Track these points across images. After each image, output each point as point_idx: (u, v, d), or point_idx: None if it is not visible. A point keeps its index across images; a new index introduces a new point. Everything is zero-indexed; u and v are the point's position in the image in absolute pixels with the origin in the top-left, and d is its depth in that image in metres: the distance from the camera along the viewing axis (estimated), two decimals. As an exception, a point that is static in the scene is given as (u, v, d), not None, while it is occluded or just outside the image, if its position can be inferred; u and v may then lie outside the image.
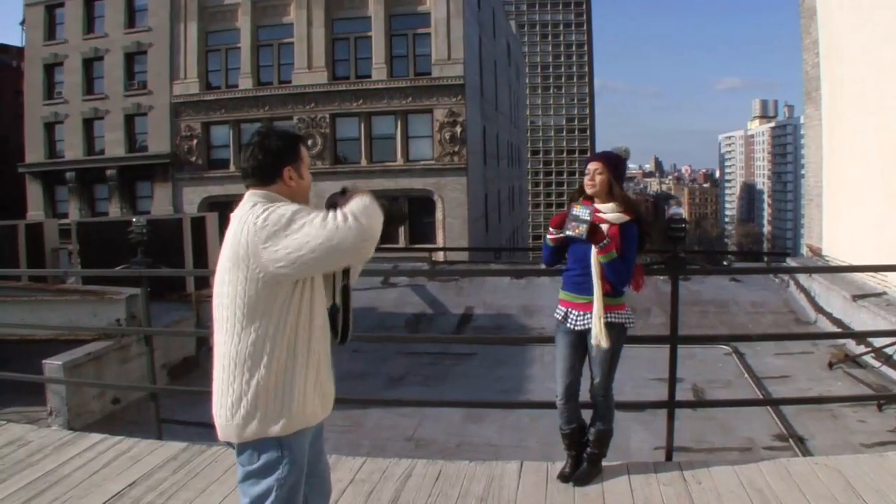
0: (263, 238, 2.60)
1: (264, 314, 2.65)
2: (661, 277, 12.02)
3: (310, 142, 29.79)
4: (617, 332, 4.40)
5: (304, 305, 2.71)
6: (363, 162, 29.69)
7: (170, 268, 10.23)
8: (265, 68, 30.90)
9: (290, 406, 2.71)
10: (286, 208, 2.65)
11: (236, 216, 2.73)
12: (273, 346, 2.67)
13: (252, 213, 2.67)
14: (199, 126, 31.16)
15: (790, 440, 6.57)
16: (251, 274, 2.62)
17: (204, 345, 10.12)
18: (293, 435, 2.75)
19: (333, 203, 2.75)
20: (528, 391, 8.20)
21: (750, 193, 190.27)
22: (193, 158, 31.27)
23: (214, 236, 12.32)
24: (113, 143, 32.37)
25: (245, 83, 30.71)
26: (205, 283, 11.58)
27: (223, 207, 29.15)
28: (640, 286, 4.54)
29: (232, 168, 31.09)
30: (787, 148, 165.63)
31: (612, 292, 4.36)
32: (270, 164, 2.77)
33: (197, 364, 9.69)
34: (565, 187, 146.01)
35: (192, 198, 31.09)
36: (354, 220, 2.60)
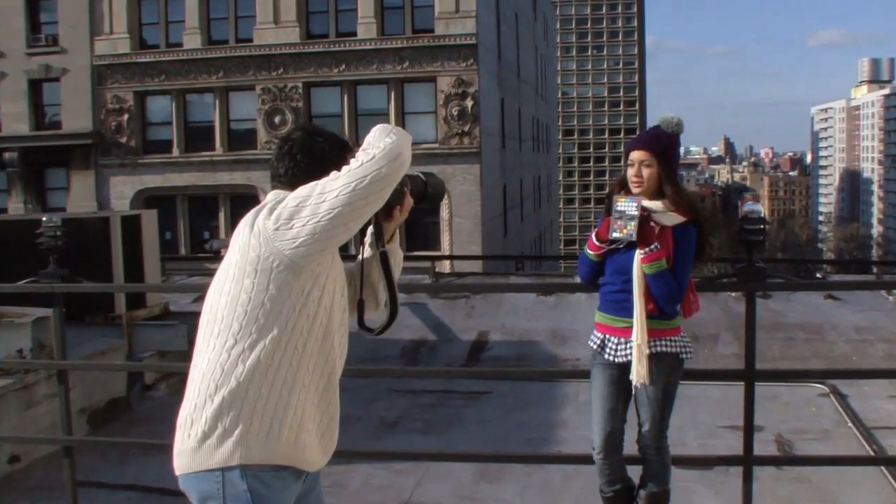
0: (273, 222, 2.75)
1: (270, 314, 2.77)
2: (733, 294, 11.96)
3: (277, 119, 29.88)
4: (668, 366, 4.39)
5: (320, 314, 2.85)
6: (346, 144, 29.74)
7: (92, 281, 10.21)
8: (218, 22, 31.06)
9: (280, 430, 2.77)
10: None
11: (252, 213, 2.89)
12: (274, 351, 2.77)
13: (267, 206, 2.85)
14: (131, 97, 31.32)
15: (913, 512, 6.51)
16: (262, 268, 2.76)
17: (137, 382, 10.11)
18: (272, 481, 2.78)
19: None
20: (558, 441, 8.17)
21: (853, 184, 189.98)
22: (124, 139, 31.41)
23: (153, 240, 12.30)
24: (12, 118, 32.37)
25: (192, 41, 30.86)
26: (139, 301, 11.57)
27: (164, 203, 29.56)
28: (692, 309, 4.53)
29: (175, 152, 31.22)
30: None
31: (660, 313, 4.35)
32: (309, 168, 2.95)
33: (128, 407, 9.67)
34: (607, 177, 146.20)
35: (123, 190, 31.23)
36: (375, 148, 2.75)
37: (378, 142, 2.77)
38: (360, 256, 3.18)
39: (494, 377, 10.76)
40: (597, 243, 4.48)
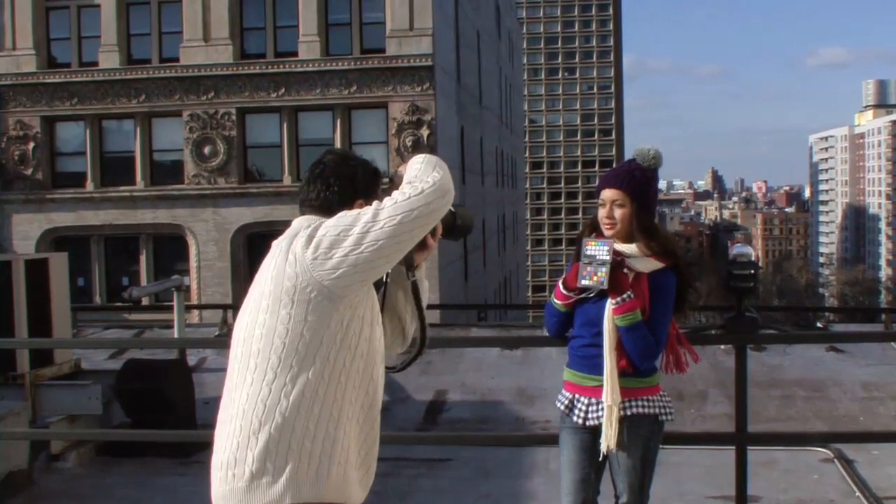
0: (312, 251, 2.97)
1: (310, 345, 2.97)
2: (722, 346, 12.03)
3: (207, 149, 29.79)
4: (646, 429, 4.40)
5: (361, 345, 3.07)
6: (286, 180, 29.73)
7: (-10, 335, 10.06)
8: (139, 38, 30.93)
9: (330, 468, 2.98)
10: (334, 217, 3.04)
11: (284, 240, 3.10)
12: (318, 385, 2.97)
13: (301, 233, 3.05)
14: (38, 122, 30.98)
15: None
16: (299, 298, 2.97)
17: (42, 452, 9.96)
18: None
19: None
20: (527, 517, 8.16)
21: (857, 221, 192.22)
22: (29, 171, 31.04)
23: (62, 287, 12.18)
24: None
25: (108, 60, 30.68)
26: (46, 358, 11.41)
27: (76, 245, 29.33)
28: (684, 364, 4.55)
29: (89, 186, 30.91)
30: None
31: (634, 371, 4.37)
32: (342, 192, 3.21)
33: (30, 481, 9.52)
34: (580, 215, 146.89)
35: (27, 230, 30.83)
36: (423, 182, 3.01)
37: (426, 175, 3.03)
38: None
39: (454, 442, 10.73)
40: (564, 292, 4.48)
